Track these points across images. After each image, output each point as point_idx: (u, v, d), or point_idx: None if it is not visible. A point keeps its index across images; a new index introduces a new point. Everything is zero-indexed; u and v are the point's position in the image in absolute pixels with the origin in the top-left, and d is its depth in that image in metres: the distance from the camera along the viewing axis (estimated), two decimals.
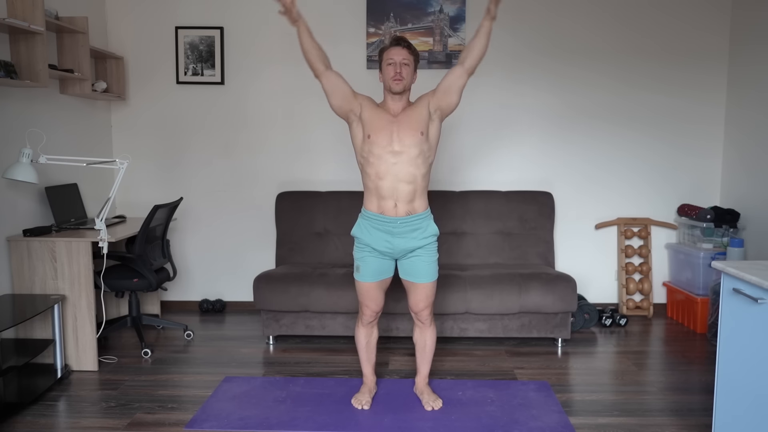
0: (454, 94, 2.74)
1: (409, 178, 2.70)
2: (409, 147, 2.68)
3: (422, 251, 2.79)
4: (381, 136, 2.69)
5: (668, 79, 4.41)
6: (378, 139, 2.69)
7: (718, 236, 4.17)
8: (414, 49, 2.76)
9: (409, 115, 2.72)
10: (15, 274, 3.31)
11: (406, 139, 2.68)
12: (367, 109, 2.74)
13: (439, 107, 2.75)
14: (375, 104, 2.79)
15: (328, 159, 4.49)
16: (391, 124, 2.70)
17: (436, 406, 2.89)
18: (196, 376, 3.32)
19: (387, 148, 2.68)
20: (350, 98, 2.75)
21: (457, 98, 2.75)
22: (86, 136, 4.16)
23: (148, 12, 4.41)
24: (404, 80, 2.69)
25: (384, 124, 2.70)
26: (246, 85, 4.46)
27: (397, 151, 2.68)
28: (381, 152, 2.68)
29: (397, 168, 2.68)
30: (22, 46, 3.25)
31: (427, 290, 2.83)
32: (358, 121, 2.75)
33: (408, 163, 2.68)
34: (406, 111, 2.74)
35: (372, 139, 2.69)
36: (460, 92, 2.74)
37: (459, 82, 2.73)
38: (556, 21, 4.38)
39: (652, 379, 3.31)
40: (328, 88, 2.74)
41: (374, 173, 2.71)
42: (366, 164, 2.74)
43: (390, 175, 2.69)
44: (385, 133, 2.69)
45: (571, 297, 3.69)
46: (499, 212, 4.29)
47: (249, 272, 4.45)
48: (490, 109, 4.44)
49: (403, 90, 2.71)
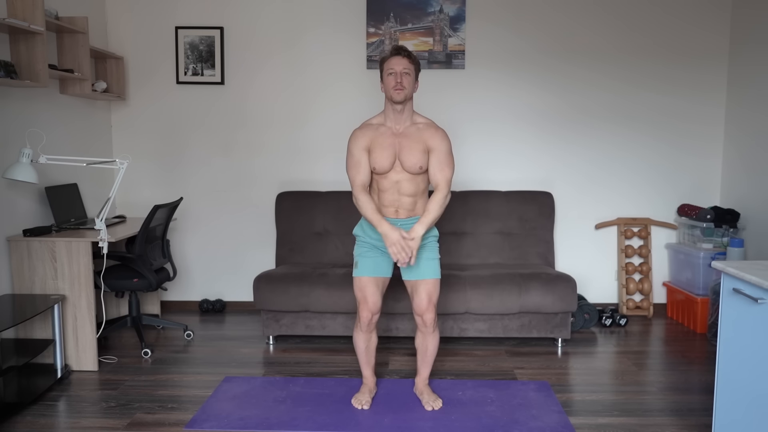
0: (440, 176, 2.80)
1: (411, 192, 2.81)
2: (411, 168, 2.77)
3: (422, 249, 2.80)
4: (384, 157, 2.76)
5: (668, 79, 4.41)
6: (382, 163, 2.76)
7: (718, 236, 4.17)
8: (415, 58, 2.77)
9: (412, 140, 2.77)
10: (15, 274, 3.31)
11: (408, 162, 2.76)
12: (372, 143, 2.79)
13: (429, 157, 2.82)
14: (373, 129, 2.82)
15: (328, 159, 4.49)
16: (393, 143, 2.77)
17: (436, 406, 2.89)
18: (196, 376, 3.32)
19: (390, 173, 2.79)
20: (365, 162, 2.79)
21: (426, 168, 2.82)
22: (86, 136, 4.16)
23: (148, 12, 4.41)
24: (405, 90, 2.71)
25: (387, 145, 2.77)
26: (246, 85, 4.46)
27: (399, 171, 2.78)
28: (384, 176, 2.80)
29: (399, 185, 2.80)
30: (22, 46, 3.25)
31: (430, 288, 2.81)
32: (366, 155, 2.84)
33: (409, 180, 2.80)
34: (410, 131, 2.79)
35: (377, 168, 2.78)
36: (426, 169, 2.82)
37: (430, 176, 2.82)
38: (556, 21, 4.38)
39: (652, 379, 3.31)
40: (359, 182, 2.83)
41: (376, 186, 2.83)
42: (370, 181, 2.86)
43: (392, 189, 2.80)
44: (388, 153, 2.76)
45: (571, 297, 3.69)
46: (499, 212, 4.29)
47: (249, 272, 4.46)
48: (490, 109, 4.44)
49: (404, 99, 2.72)
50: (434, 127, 2.80)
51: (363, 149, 2.78)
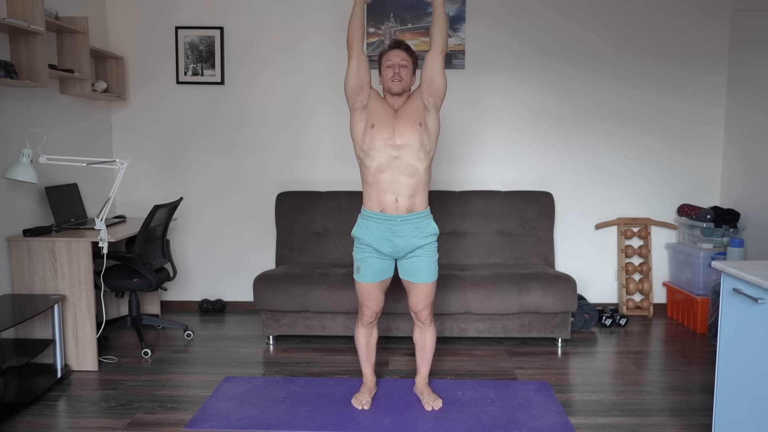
0: (437, 76, 2.79)
1: (411, 171, 2.71)
2: (410, 140, 2.71)
3: (422, 251, 2.79)
4: (383, 128, 2.72)
5: (668, 79, 4.41)
6: (380, 131, 2.72)
7: (718, 236, 4.17)
8: (412, 52, 2.80)
9: (407, 109, 2.77)
10: (15, 274, 3.30)
11: (407, 132, 2.71)
12: (374, 100, 2.79)
13: (430, 95, 2.79)
14: (380, 97, 2.84)
15: (328, 159, 4.49)
16: (393, 118, 2.74)
17: (436, 406, 2.89)
18: (196, 376, 3.32)
19: (389, 141, 2.71)
20: (366, 85, 2.80)
21: (441, 79, 2.80)
22: (86, 136, 4.15)
23: (148, 12, 4.41)
24: (403, 81, 2.73)
25: (387, 117, 2.74)
26: (246, 85, 4.46)
27: (398, 145, 2.70)
28: (382, 145, 2.71)
29: (399, 161, 2.70)
30: (22, 46, 3.25)
31: (426, 290, 2.83)
32: (363, 109, 2.78)
33: (410, 156, 2.71)
34: (404, 105, 2.79)
35: (375, 129, 2.71)
36: (442, 72, 2.80)
37: (436, 63, 2.79)
38: (556, 21, 4.37)
39: (652, 379, 3.31)
40: (354, 64, 2.79)
41: (375, 166, 2.72)
42: (366, 157, 2.75)
43: (391, 168, 2.70)
44: (387, 125, 2.72)
45: (571, 297, 3.69)
46: (499, 212, 4.29)
47: (249, 272, 4.45)
48: (490, 109, 4.44)
49: (402, 91, 2.74)
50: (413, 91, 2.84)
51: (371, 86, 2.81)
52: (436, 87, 2.79)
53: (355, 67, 2.78)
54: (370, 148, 2.72)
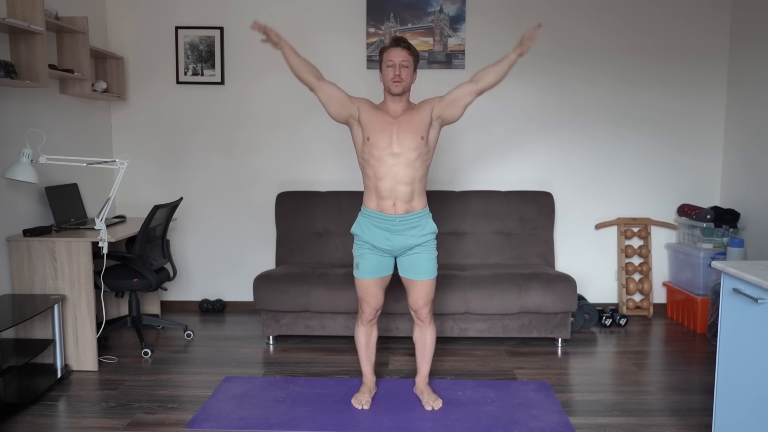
0: (459, 108, 2.79)
1: (408, 179, 2.73)
2: (408, 150, 2.71)
3: (421, 248, 2.80)
4: (380, 138, 2.71)
5: (669, 79, 4.41)
6: (377, 141, 2.71)
7: (718, 236, 4.17)
8: (414, 50, 2.78)
9: (411, 119, 2.74)
10: (15, 274, 3.30)
11: (406, 142, 2.71)
12: (365, 112, 2.76)
13: (441, 116, 2.79)
14: (373, 106, 2.81)
15: (328, 159, 4.49)
16: (391, 125, 2.73)
17: (436, 406, 2.89)
18: (196, 376, 3.32)
19: (386, 150, 2.71)
20: (347, 104, 2.78)
21: (460, 112, 2.80)
22: (86, 136, 4.16)
23: (148, 12, 4.41)
24: (403, 82, 2.72)
25: (384, 126, 2.72)
26: (246, 85, 4.46)
27: (396, 153, 2.70)
28: (381, 154, 2.71)
29: (396, 169, 2.71)
30: (22, 46, 3.25)
31: (426, 288, 2.83)
32: (358, 124, 2.78)
33: (406, 165, 2.71)
34: (408, 114, 2.76)
35: (371, 142, 2.72)
36: (464, 108, 2.80)
37: (467, 99, 2.78)
38: (556, 21, 4.37)
39: (652, 379, 3.31)
40: (323, 98, 2.78)
41: (373, 174, 2.74)
42: (366, 165, 2.78)
43: (389, 176, 2.72)
44: (384, 134, 2.71)
45: (571, 297, 3.69)
46: (499, 212, 4.29)
47: (249, 272, 4.45)
48: (490, 109, 4.44)
49: (402, 92, 2.74)
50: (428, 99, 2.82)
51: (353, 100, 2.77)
52: (452, 113, 2.79)
53: (324, 98, 2.77)
54: (369, 157, 2.74)
